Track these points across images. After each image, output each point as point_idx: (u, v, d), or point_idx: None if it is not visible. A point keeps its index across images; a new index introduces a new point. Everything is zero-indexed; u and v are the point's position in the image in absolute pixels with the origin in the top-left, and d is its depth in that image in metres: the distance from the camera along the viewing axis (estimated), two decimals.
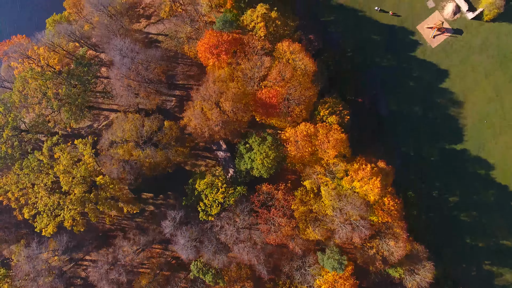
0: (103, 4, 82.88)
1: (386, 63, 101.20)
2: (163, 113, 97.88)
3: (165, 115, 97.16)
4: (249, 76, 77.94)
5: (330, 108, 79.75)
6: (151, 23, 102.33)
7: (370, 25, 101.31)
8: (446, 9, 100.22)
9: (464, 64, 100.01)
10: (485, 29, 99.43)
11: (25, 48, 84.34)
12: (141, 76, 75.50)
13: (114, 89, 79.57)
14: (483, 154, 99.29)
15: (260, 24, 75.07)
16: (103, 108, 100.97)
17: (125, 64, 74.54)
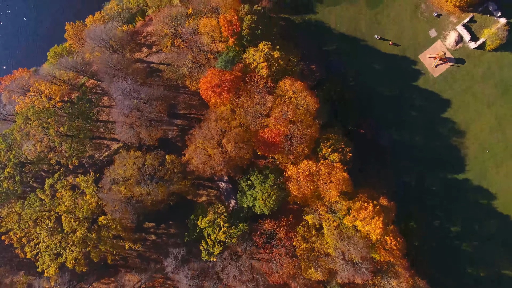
0: (103, 39, 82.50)
1: (388, 93, 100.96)
2: (165, 143, 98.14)
3: (167, 145, 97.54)
4: (252, 114, 77.72)
5: (332, 146, 79.54)
6: (153, 52, 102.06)
7: (373, 54, 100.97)
8: (448, 39, 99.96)
9: (466, 93, 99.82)
10: (487, 59, 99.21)
11: (26, 82, 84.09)
12: (143, 117, 75.34)
13: (115, 126, 79.35)
14: (485, 184, 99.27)
15: (262, 64, 74.76)
16: (105, 138, 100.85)
17: (126, 104, 74.36)
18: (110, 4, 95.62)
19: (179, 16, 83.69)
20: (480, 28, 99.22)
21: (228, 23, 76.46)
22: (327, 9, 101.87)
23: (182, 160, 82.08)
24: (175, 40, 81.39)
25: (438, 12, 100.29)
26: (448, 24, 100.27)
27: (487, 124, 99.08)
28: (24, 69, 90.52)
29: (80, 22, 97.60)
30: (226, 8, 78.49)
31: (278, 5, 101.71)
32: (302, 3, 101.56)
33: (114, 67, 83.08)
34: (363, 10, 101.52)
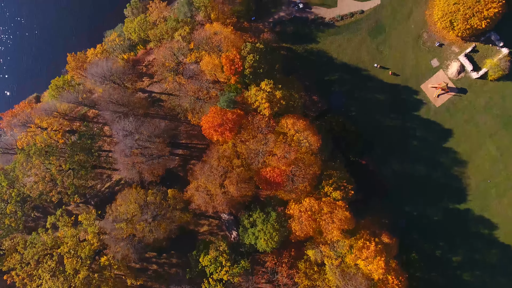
0: (105, 76, 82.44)
1: (390, 123, 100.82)
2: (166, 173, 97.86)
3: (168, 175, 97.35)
4: (254, 152, 77.71)
5: (334, 183, 79.48)
6: (154, 82, 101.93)
7: (374, 84, 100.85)
8: (450, 69, 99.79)
9: (468, 123, 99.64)
10: (489, 89, 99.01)
11: (27, 117, 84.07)
12: (145, 155, 75.37)
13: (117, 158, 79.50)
14: (487, 214, 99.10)
15: (265, 105, 74.69)
16: (106, 168, 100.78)
17: (128, 145, 74.43)
18: (112, 36, 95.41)
19: (180, 51, 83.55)
20: (482, 58, 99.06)
21: (230, 62, 76.34)
22: (329, 39, 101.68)
23: (184, 197, 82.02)
24: (177, 77, 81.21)
25: (440, 41, 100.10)
26: (450, 54, 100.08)
27: (489, 154, 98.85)
28: (26, 102, 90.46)
29: (81, 53, 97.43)
30: (228, 47, 78.26)
31: (280, 34, 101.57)
32: (304, 33, 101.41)
33: (115, 103, 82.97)
34: (365, 40, 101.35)
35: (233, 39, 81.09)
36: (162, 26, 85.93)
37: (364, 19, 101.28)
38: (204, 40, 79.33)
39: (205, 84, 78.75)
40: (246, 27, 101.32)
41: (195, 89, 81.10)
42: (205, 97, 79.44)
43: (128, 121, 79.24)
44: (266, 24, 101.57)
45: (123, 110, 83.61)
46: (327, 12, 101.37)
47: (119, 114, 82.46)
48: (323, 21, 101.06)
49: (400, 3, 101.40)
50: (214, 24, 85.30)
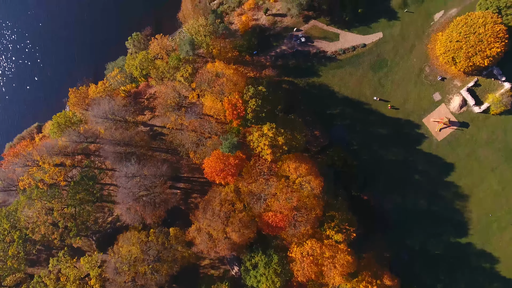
0: (107, 117, 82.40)
1: (392, 157, 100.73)
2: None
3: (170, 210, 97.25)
4: (256, 196, 77.71)
5: (336, 226, 79.48)
6: (156, 115, 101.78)
7: (377, 118, 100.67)
8: (452, 103, 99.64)
9: (470, 157, 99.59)
10: (491, 123, 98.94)
11: (29, 157, 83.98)
12: (147, 203, 75.44)
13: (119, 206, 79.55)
14: (488, 248, 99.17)
15: (267, 151, 74.62)
16: (107, 200, 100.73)
17: (130, 190, 74.49)
18: (113, 73, 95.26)
19: (182, 88, 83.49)
20: (485, 92, 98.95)
21: (232, 107, 76.23)
22: (331, 72, 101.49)
23: (186, 238, 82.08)
24: (179, 117, 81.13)
25: (442, 75, 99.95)
26: (452, 88, 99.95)
27: (490, 188, 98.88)
28: (28, 140, 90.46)
29: (83, 87, 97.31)
30: (231, 90, 78.15)
31: (282, 68, 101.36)
32: (306, 66, 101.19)
33: (117, 143, 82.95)
34: (367, 73, 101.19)
35: (236, 80, 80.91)
36: (164, 66, 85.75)
37: (366, 53, 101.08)
38: (206, 82, 79.06)
39: (207, 127, 78.57)
40: (248, 61, 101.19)
41: (197, 131, 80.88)
42: (207, 140, 79.26)
43: (130, 163, 79.08)
44: (268, 57, 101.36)
45: (125, 150, 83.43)
46: (329, 45, 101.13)
47: (120, 154, 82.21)
48: (325, 54, 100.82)
49: (402, 37, 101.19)
50: (216, 63, 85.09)
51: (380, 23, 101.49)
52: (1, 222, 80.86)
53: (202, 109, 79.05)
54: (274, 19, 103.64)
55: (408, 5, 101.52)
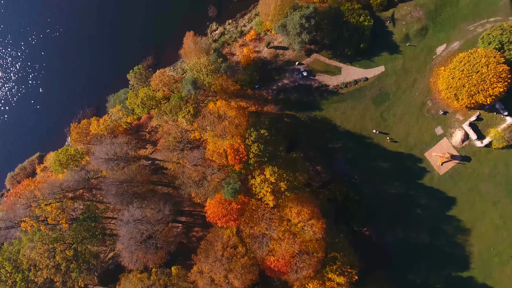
0: (109, 159, 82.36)
1: (393, 191, 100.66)
2: None
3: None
4: (258, 240, 77.75)
5: (338, 269, 79.55)
6: (157, 150, 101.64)
7: (378, 152, 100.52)
8: (454, 137, 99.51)
9: (471, 191, 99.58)
10: (493, 157, 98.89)
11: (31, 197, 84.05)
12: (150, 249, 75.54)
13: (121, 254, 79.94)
14: (490, 282, 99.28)
15: (270, 197, 74.65)
16: (109, 234, 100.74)
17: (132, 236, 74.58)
18: (115, 109, 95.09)
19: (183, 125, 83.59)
20: (487, 127, 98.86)
21: (234, 152, 76.13)
22: (333, 106, 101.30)
23: (188, 280, 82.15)
24: (181, 160, 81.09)
25: (445, 109, 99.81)
26: (454, 122, 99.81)
27: (492, 223, 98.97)
28: (30, 179, 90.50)
29: (85, 121, 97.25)
30: (233, 133, 78.01)
31: (284, 101, 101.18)
32: (308, 100, 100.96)
33: (119, 184, 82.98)
34: (369, 107, 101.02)
35: (238, 122, 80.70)
36: (165, 106, 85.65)
37: (368, 86, 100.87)
38: (208, 126, 78.97)
39: (209, 172, 78.53)
40: (250, 94, 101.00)
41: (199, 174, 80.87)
42: (209, 183, 79.22)
43: (132, 206, 79.17)
44: (269, 91, 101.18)
45: (127, 189, 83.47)
46: (331, 79, 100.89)
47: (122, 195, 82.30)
48: (327, 88, 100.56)
49: (404, 71, 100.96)
50: (218, 103, 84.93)
51: (382, 57, 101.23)
52: (4, 265, 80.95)
53: (204, 153, 78.89)
54: (276, 52, 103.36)
55: (411, 39, 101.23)
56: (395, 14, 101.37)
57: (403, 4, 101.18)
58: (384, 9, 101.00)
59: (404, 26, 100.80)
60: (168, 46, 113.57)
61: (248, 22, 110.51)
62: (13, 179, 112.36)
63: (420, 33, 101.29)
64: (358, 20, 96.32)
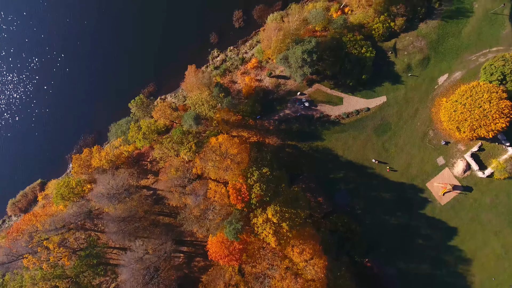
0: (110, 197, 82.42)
1: (395, 221, 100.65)
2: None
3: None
4: (260, 278, 77.80)
5: None
6: (159, 180, 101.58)
7: (380, 182, 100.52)
8: (456, 167, 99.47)
9: (473, 221, 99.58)
10: (495, 187, 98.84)
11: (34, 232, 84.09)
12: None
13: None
14: None
15: (272, 238, 74.63)
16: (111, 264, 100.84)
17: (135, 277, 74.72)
18: (116, 142, 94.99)
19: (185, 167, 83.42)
20: (489, 157, 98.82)
21: (237, 192, 76.17)
22: (334, 136, 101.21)
23: None
24: (183, 197, 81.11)
25: (446, 140, 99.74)
26: (456, 152, 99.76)
27: (493, 252, 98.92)
28: (31, 212, 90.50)
29: (86, 151, 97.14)
30: (235, 173, 78.01)
31: (285, 132, 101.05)
32: (310, 130, 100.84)
33: (121, 220, 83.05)
34: (371, 137, 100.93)
35: (240, 159, 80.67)
36: (167, 143, 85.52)
37: (370, 116, 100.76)
38: (210, 165, 78.94)
39: (211, 213, 78.56)
40: (251, 125, 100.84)
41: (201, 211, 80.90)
42: (211, 221, 79.28)
43: (134, 245, 79.23)
44: (271, 121, 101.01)
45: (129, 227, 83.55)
46: (333, 109, 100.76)
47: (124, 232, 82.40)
48: (328, 118, 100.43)
49: (406, 101, 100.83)
50: (220, 138, 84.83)
51: (384, 87, 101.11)
52: None
53: (206, 193, 78.89)
54: (277, 81, 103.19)
55: (412, 69, 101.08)
56: (397, 44, 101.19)
57: (405, 34, 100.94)
58: (386, 40, 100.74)
59: (406, 56, 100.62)
60: (169, 72, 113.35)
61: (250, 49, 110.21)
62: (15, 205, 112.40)
63: (422, 63, 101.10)
64: (360, 51, 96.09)
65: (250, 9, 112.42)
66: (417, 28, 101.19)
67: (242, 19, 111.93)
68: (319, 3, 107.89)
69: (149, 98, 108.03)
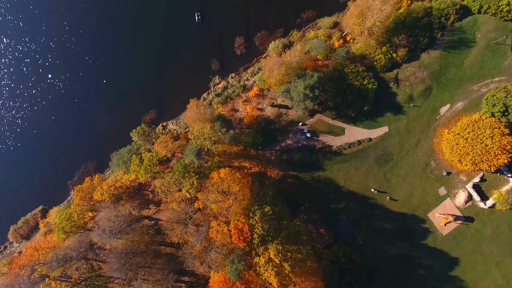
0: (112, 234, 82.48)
1: (396, 251, 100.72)
2: None
3: None
4: None
5: None
6: (161, 210, 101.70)
7: (382, 212, 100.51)
8: (458, 198, 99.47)
9: (474, 252, 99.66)
10: (496, 217, 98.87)
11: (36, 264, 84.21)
12: None
13: None
14: None
15: (274, 279, 74.73)
16: None
17: None
18: (118, 175, 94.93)
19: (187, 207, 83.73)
20: (490, 188, 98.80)
21: (239, 232, 76.18)
22: (336, 167, 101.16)
23: None
24: (185, 235, 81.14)
25: (448, 170, 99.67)
26: (457, 183, 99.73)
27: (495, 283, 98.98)
28: (33, 246, 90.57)
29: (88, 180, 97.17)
30: (237, 212, 78.03)
31: (287, 162, 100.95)
32: (311, 161, 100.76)
33: (123, 257, 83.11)
34: (372, 168, 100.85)
35: (242, 196, 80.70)
36: (169, 179, 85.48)
37: (372, 147, 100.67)
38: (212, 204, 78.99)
39: (213, 250, 78.62)
40: (253, 155, 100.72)
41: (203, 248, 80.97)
42: (213, 261, 79.34)
43: (137, 282, 79.33)
44: (273, 152, 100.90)
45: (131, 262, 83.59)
46: (335, 140, 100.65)
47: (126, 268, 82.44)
48: (330, 149, 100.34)
49: (407, 131, 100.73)
50: (221, 173, 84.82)
51: (386, 117, 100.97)
52: None
53: (208, 232, 78.91)
54: (279, 111, 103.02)
55: (414, 100, 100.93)
56: (399, 75, 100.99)
57: (407, 65, 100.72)
58: (388, 70, 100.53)
59: (408, 87, 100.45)
60: (170, 98, 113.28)
61: (251, 76, 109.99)
62: (16, 232, 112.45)
63: (424, 93, 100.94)
64: (362, 83, 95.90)
65: (252, 36, 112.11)
66: (419, 59, 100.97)
67: (243, 46, 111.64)
68: (320, 30, 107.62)
69: (150, 125, 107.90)
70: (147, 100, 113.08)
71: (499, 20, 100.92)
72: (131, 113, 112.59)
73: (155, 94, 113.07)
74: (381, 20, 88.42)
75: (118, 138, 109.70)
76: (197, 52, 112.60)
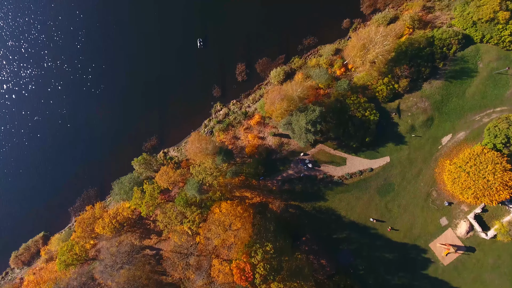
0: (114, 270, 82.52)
1: (398, 281, 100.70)
2: None
3: None
4: None
5: None
6: (162, 239, 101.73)
7: (383, 242, 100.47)
8: (459, 228, 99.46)
9: (476, 282, 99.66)
10: (498, 247, 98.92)
11: None
12: None
13: None
14: None
15: None
16: None
17: None
18: (120, 208, 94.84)
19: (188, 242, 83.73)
20: (492, 218, 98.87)
21: (240, 272, 76.19)
22: (338, 197, 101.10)
23: None
24: (187, 271, 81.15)
25: (449, 200, 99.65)
26: (459, 213, 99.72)
27: None
28: (35, 280, 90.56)
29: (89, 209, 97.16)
30: (239, 250, 78.01)
31: (288, 192, 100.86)
32: (313, 191, 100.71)
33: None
34: (374, 198, 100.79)
35: (244, 234, 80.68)
36: (170, 213, 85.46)
37: (373, 177, 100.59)
38: (213, 238, 78.93)
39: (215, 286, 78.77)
40: (255, 185, 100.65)
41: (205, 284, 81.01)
42: None
43: None
44: (274, 182, 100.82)
45: None
46: (336, 170, 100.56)
47: None
48: (331, 179, 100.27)
49: (409, 162, 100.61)
50: (223, 209, 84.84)
51: (387, 148, 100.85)
52: None
53: (210, 270, 78.93)
54: (280, 141, 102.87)
55: (416, 130, 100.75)
56: (401, 105, 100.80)
57: (408, 95, 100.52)
58: (390, 101, 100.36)
59: (409, 117, 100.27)
60: (171, 125, 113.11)
61: (253, 103, 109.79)
62: (17, 258, 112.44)
63: (426, 123, 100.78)
64: (363, 114, 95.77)
65: (253, 62, 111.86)
66: (421, 89, 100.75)
67: (245, 72, 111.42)
68: (322, 58, 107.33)
69: (151, 152, 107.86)
70: (148, 126, 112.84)
71: (501, 49, 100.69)
72: (132, 140, 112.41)
73: (156, 120, 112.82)
74: (383, 54, 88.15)
75: (119, 164, 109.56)
76: (199, 78, 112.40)
